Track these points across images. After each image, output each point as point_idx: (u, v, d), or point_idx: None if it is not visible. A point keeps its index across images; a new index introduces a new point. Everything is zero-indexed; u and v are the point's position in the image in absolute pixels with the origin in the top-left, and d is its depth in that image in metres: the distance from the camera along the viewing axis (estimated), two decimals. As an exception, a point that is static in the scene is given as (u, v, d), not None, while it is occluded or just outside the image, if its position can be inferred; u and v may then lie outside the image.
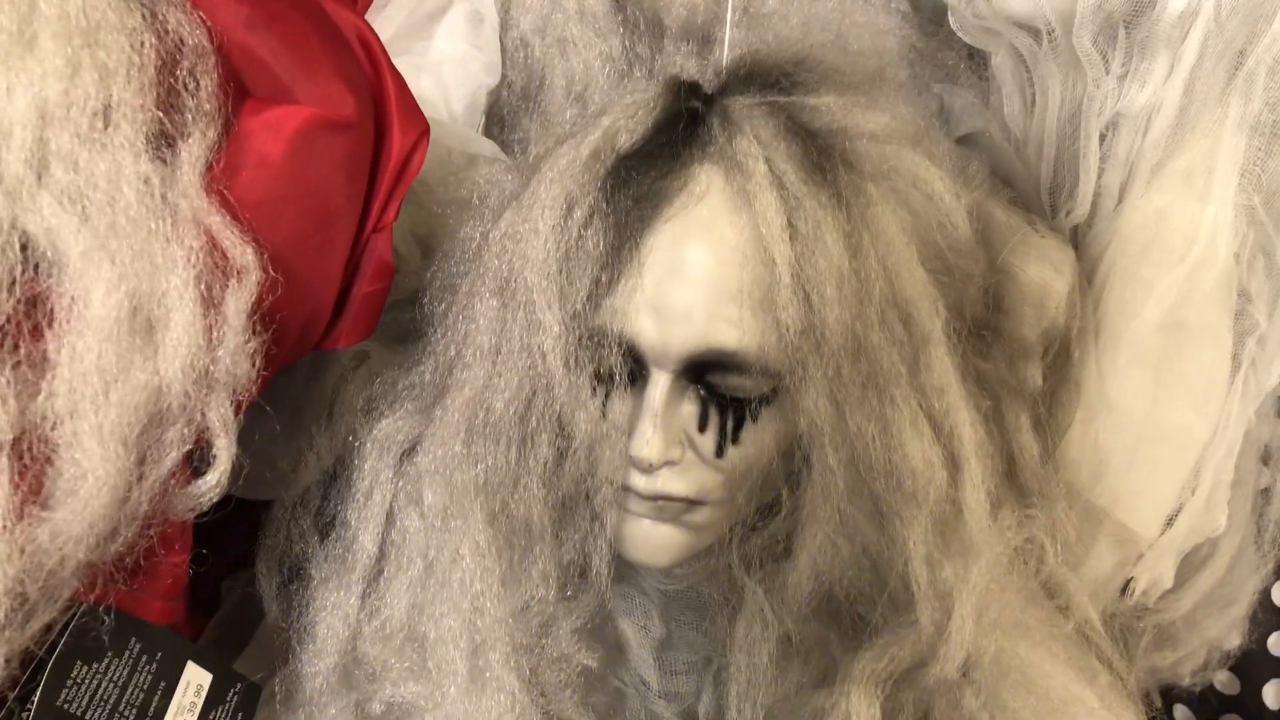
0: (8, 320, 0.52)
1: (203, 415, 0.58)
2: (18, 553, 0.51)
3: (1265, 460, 0.90)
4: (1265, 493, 0.91)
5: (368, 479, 0.73)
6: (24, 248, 0.54)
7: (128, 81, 0.56)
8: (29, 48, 0.54)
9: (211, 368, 0.57)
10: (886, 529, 0.66)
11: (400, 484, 0.73)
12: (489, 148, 0.92)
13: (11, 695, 0.61)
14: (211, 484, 0.59)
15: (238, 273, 0.58)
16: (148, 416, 0.55)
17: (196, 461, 0.60)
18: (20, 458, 0.52)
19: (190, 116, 0.59)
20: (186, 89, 0.59)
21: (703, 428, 0.68)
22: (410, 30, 0.97)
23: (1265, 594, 0.92)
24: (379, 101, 0.68)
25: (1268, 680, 0.93)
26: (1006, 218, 0.80)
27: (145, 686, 0.68)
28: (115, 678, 0.66)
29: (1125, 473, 0.82)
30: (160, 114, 0.58)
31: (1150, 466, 0.82)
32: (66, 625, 0.61)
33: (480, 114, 0.99)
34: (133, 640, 0.67)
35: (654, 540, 0.71)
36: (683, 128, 0.68)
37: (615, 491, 0.69)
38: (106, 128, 0.55)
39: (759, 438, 0.69)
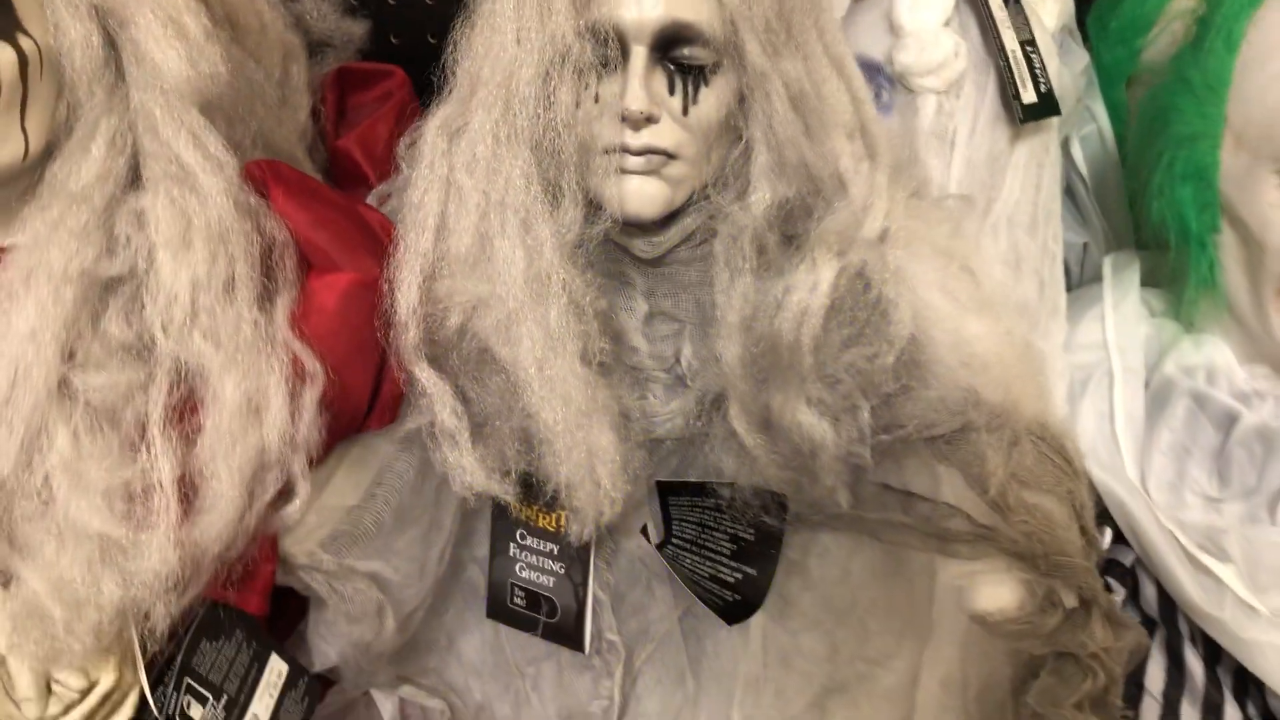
0: (176, 409, 0.87)
1: (290, 466, 0.92)
2: (182, 544, 0.84)
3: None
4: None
5: (428, 155, 0.97)
6: (182, 375, 0.89)
7: (244, 263, 0.92)
8: (188, 246, 0.90)
9: (295, 436, 0.91)
10: (818, 142, 0.95)
11: (452, 155, 0.96)
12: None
13: (162, 660, 0.93)
14: (294, 511, 0.93)
15: (310, 377, 0.93)
16: (257, 465, 0.89)
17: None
18: (183, 487, 0.86)
19: (280, 282, 0.95)
20: (277, 265, 0.95)
21: (671, 91, 0.95)
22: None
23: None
24: (396, 269, 1.04)
25: None
26: None
27: (244, 664, 0.99)
28: (227, 654, 0.97)
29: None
30: (263, 281, 0.94)
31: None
32: (198, 613, 0.94)
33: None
34: (238, 630, 0.98)
35: (645, 192, 0.95)
36: None
37: (612, 154, 0.94)
38: (232, 291, 0.91)
39: (714, 96, 0.95)
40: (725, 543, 1.01)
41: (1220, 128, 1.14)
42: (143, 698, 0.90)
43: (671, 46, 0.94)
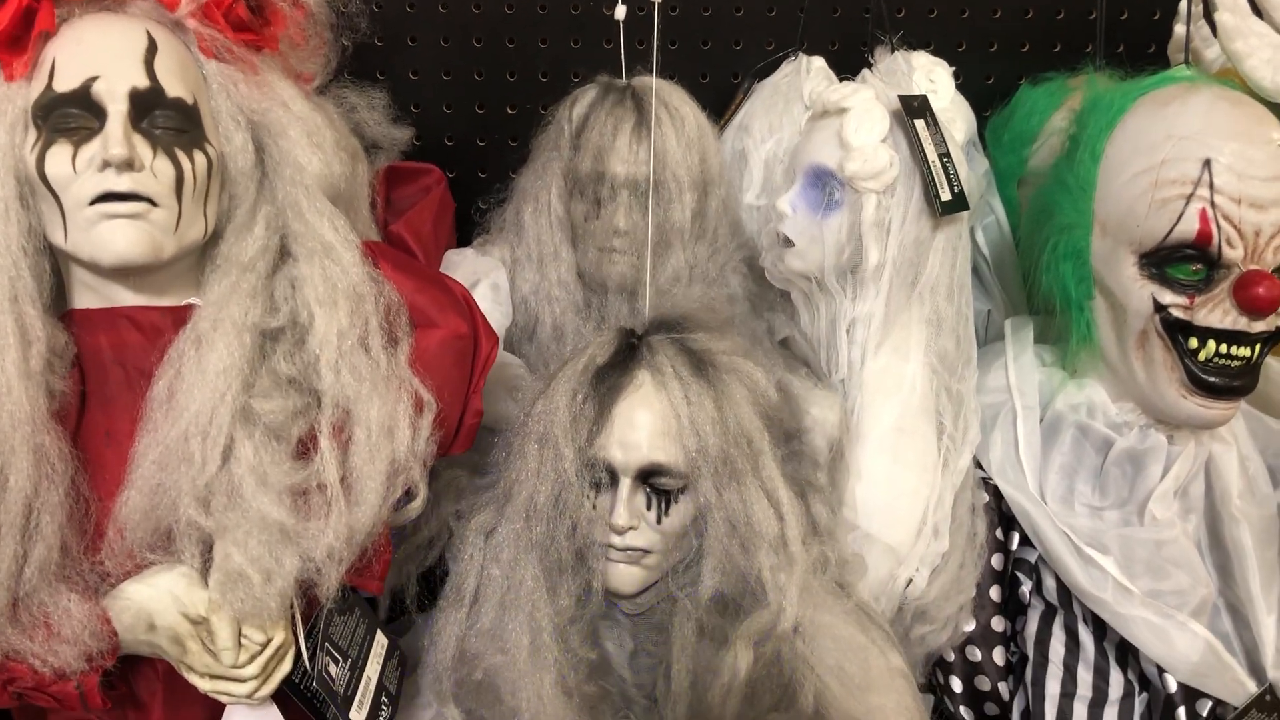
0: (334, 429, 1.14)
1: (412, 472, 1.19)
2: (347, 526, 1.11)
3: (973, 510, 1.53)
4: (974, 536, 1.53)
5: (469, 550, 1.30)
6: (337, 402, 1.16)
7: (375, 318, 1.20)
8: (334, 305, 1.18)
9: (416, 449, 1.19)
10: (748, 555, 1.25)
11: (486, 551, 1.29)
12: (514, 360, 1.57)
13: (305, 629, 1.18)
14: (416, 507, 1.20)
15: (425, 405, 1.21)
16: (390, 471, 1.16)
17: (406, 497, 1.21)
18: (344, 485, 1.13)
19: (399, 333, 1.23)
20: (394, 321, 1.23)
21: (649, 507, 1.27)
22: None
23: (985, 593, 1.53)
24: (475, 327, 1.33)
25: (995, 647, 1.54)
26: (800, 382, 1.46)
27: (362, 635, 1.25)
28: (350, 626, 1.23)
29: (882, 513, 1.45)
30: (387, 332, 1.21)
31: (896, 509, 1.45)
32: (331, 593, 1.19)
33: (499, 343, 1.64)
34: (357, 608, 1.24)
35: (625, 576, 1.29)
36: (628, 351, 1.30)
37: (603, 548, 1.27)
38: (367, 339, 1.19)
39: (679, 512, 1.27)
40: None
41: (1090, 219, 1.46)
42: (298, 654, 1.15)
43: (649, 477, 1.27)
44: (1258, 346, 1.38)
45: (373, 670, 1.24)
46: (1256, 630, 1.45)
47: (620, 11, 1.48)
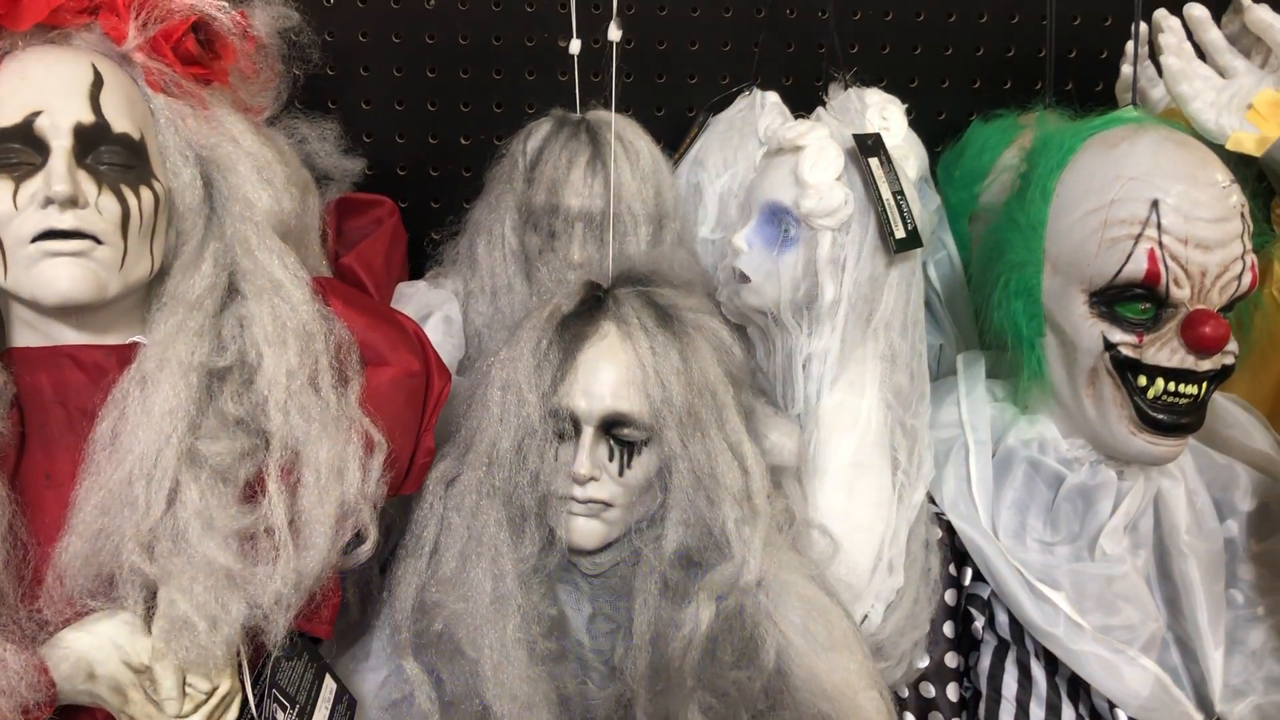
0: (282, 471, 1.12)
1: (362, 514, 1.16)
2: (296, 571, 1.08)
3: (927, 546, 1.53)
4: (928, 571, 1.53)
5: (428, 499, 1.29)
6: (285, 444, 1.14)
7: (325, 357, 1.18)
8: (284, 344, 1.15)
9: (366, 490, 1.17)
10: (713, 507, 1.26)
11: (447, 500, 1.28)
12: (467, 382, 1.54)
13: (253, 676, 1.15)
14: (366, 550, 1.18)
15: (376, 446, 1.19)
16: (340, 514, 1.14)
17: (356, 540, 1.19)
18: (292, 528, 1.10)
19: (350, 372, 1.21)
20: (345, 359, 1.21)
21: (611, 458, 1.27)
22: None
23: (939, 629, 1.53)
24: (427, 364, 1.31)
25: (949, 683, 1.54)
26: (760, 407, 1.45)
27: (310, 680, 1.22)
28: (299, 671, 1.20)
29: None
30: (338, 371, 1.19)
31: (852, 544, 1.45)
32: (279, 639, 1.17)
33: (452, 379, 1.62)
34: (306, 652, 1.22)
35: (586, 530, 1.28)
36: (594, 303, 1.30)
37: (564, 501, 1.26)
38: (317, 379, 1.17)
39: (642, 465, 1.28)
40: None
41: (1041, 257, 1.47)
42: (244, 702, 1.12)
43: (613, 427, 1.27)
44: (1205, 384, 1.40)
45: (321, 716, 1.22)
46: (1204, 664, 1.47)
47: (575, 45, 1.47)
